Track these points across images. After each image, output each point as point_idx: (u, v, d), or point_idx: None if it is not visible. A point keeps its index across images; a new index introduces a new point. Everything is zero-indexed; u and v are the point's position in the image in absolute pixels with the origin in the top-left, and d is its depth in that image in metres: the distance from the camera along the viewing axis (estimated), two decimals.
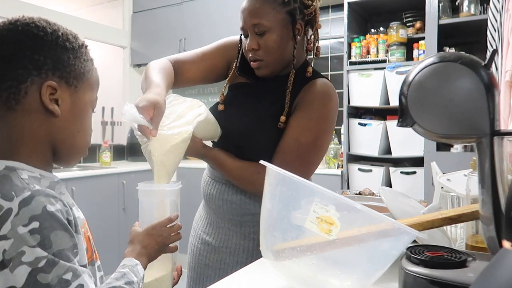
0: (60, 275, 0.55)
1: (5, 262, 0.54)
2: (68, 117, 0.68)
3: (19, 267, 0.54)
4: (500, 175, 0.59)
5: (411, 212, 0.85)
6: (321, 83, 1.10)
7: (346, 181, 2.88)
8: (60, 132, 0.68)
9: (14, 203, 0.56)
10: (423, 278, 0.58)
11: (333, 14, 3.43)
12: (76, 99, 0.69)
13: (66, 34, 0.68)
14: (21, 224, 0.55)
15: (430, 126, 0.62)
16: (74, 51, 0.69)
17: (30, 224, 0.55)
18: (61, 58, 0.66)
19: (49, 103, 0.65)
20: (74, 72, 0.68)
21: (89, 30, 3.56)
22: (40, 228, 0.56)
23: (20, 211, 0.56)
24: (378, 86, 2.78)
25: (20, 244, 0.54)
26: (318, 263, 0.62)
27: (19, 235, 0.54)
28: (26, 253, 0.54)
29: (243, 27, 1.08)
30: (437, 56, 0.63)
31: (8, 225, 0.55)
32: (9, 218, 0.55)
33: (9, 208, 0.56)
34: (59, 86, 0.66)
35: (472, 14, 2.52)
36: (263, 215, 0.69)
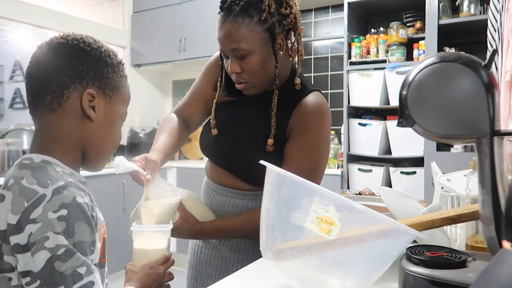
0: (75, 267, 0.59)
1: (28, 246, 0.58)
2: (101, 123, 0.75)
3: (40, 251, 0.57)
4: (500, 175, 0.59)
5: (411, 212, 0.85)
6: (312, 102, 1.06)
7: (346, 181, 2.88)
8: (92, 136, 0.75)
9: (48, 190, 0.61)
10: (423, 278, 0.58)
11: (333, 14, 3.43)
12: (109, 108, 0.76)
13: (108, 51, 0.77)
14: (51, 210, 0.59)
15: (430, 126, 0.62)
16: (113, 67, 0.76)
17: (60, 211, 0.60)
18: (101, 71, 0.74)
19: (87, 108, 0.72)
20: (110, 85, 0.76)
21: (89, 30, 3.54)
22: (67, 216, 0.60)
23: (53, 198, 0.60)
24: (378, 86, 2.78)
25: (47, 228, 0.58)
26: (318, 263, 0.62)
27: (47, 220, 0.59)
28: (50, 238, 0.58)
29: (223, 51, 1.04)
30: (437, 56, 0.63)
31: (39, 209, 0.59)
32: (41, 203, 0.60)
33: (43, 194, 0.60)
34: (97, 95, 0.74)
35: (472, 14, 2.52)
36: (263, 215, 0.69)
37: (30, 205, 0.59)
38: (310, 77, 3.55)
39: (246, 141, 1.09)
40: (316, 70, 3.52)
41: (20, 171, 0.65)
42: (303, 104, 1.06)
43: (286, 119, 1.05)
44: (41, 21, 3.18)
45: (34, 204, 0.59)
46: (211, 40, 1.26)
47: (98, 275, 0.63)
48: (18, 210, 0.59)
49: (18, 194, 0.61)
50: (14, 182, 0.63)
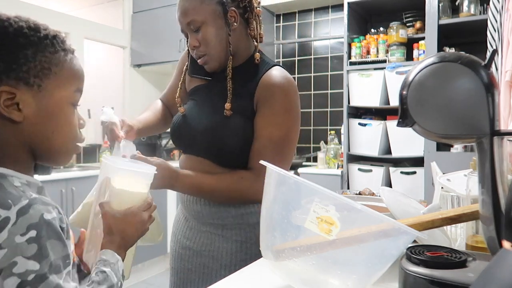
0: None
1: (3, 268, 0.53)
2: (37, 120, 0.62)
3: (9, 277, 0.53)
4: (500, 175, 0.59)
5: (411, 212, 0.85)
6: (276, 74, 1.08)
7: (346, 181, 2.88)
8: (31, 136, 0.63)
9: (12, 211, 0.55)
10: (423, 278, 0.58)
11: (333, 14, 3.43)
12: (42, 99, 0.62)
13: (20, 28, 0.61)
14: (19, 234, 0.54)
15: (430, 126, 0.62)
16: (33, 46, 0.61)
17: (28, 233, 0.54)
18: (15, 57, 0.60)
19: (5, 110, 0.59)
20: (34, 70, 0.61)
21: (89, 30, 3.56)
22: (37, 237, 0.55)
23: (18, 220, 0.55)
24: (378, 86, 2.78)
25: (14, 254, 0.53)
26: (318, 263, 0.62)
27: (15, 244, 0.53)
28: (18, 264, 0.53)
29: (182, 29, 1.12)
30: (437, 56, 0.63)
31: (4, 234, 0.54)
32: (6, 227, 0.54)
33: (6, 217, 0.54)
34: (17, 88, 0.60)
35: (472, 14, 2.52)
36: (263, 215, 0.69)
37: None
38: (310, 77, 3.55)
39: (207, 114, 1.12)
40: (316, 70, 3.52)
41: None
42: (266, 77, 1.09)
43: (250, 92, 1.09)
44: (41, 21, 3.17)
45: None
46: None
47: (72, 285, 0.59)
48: None
49: None
50: None
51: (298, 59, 3.61)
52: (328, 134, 3.28)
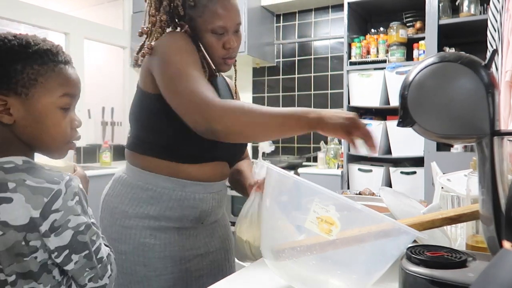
0: (91, 236, 0.76)
1: (53, 229, 0.71)
2: (26, 123, 0.75)
3: (66, 231, 0.72)
4: (500, 175, 0.59)
5: (411, 212, 0.85)
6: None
7: (346, 181, 2.88)
8: (22, 136, 0.76)
9: (61, 185, 0.72)
10: (423, 278, 0.58)
11: (333, 14, 3.43)
12: (30, 105, 0.74)
13: (12, 46, 0.73)
14: (69, 199, 0.72)
15: (430, 126, 0.62)
16: (22, 61, 0.73)
17: (75, 198, 0.73)
18: (6, 71, 0.72)
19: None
20: (21, 81, 0.73)
21: (89, 30, 3.56)
22: (80, 200, 0.75)
23: (67, 190, 0.73)
24: (378, 86, 2.78)
25: (68, 213, 0.72)
26: (318, 263, 0.62)
27: (68, 207, 0.72)
28: (71, 220, 0.72)
29: (225, 26, 1.04)
30: (437, 56, 0.63)
31: (60, 201, 0.71)
32: (60, 196, 0.72)
33: (59, 189, 0.72)
34: (8, 96, 0.73)
35: (472, 14, 2.52)
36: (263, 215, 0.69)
37: (49, 200, 0.70)
38: (310, 77, 3.55)
39: None
40: (316, 70, 3.52)
41: (12, 175, 0.71)
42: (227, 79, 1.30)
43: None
44: (41, 21, 3.18)
45: (53, 198, 0.71)
46: None
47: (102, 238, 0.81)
48: (39, 205, 0.70)
49: (32, 193, 0.70)
50: (17, 185, 0.70)
51: (298, 59, 3.61)
52: None
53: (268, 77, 3.73)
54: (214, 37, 1.06)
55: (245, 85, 3.82)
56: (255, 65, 3.73)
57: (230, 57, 1.10)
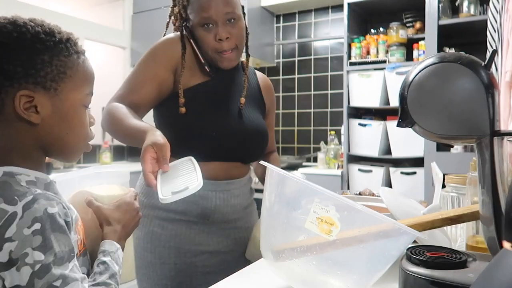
0: (50, 282, 0.58)
1: (12, 262, 0.57)
2: (53, 122, 0.66)
3: (24, 267, 0.57)
4: (500, 175, 0.59)
5: (411, 213, 0.85)
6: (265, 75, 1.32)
7: (346, 182, 2.88)
8: (47, 137, 0.66)
9: (18, 207, 0.58)
10: (423, 278, 0.58)
11: (333, 14, 3.43)
12: (58, 102, 0.66)
13: (37, 34, 0.64)
14: (25, 227, 0.58)
15: (430, 126, 0.62)
16: (49, 51, 0.64)
17: (33, 226, 0.58)
18: (33, 62, 0.63)
19: (24, 113, 0.63)
20: (51, 75, 0.64)
21: (90, 31, 3.56)
22: (42, 229, 0.58)
23: (24, 214, 0.58)
24: (378, 87, 2.78)
25: (24, 245, 0.57)
26: (318, 263, 0.62)
27: (24, 237, 0.57)
28: (29, 255, 0.57)
29: (211, 17, 1.05)
30: (437, 57, 0.63)
31: (13, 228, 0.57)
32: (14, 221, 0.58)
33: (13, 212, 0.58)
34: (35, 92, 0.63)
35: (472, 15, 2.52)
36: (263, 215, 0.69)
37: (2, 225, 0.57)
38: (310, 77, 3.56)
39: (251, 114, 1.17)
40: (316, 70, 3.52)
41: None
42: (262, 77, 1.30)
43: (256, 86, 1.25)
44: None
45: (6, 223, 0.57)
46: None
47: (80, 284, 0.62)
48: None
49: None
50: None
51: (298, 60, 3.61)
52: (328, 134, 3.28)
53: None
54: (204, 30, 1.08)
55: None
56: (255, 66, 3.73)
57: (224, 50, 1.07)
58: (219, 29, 1.06)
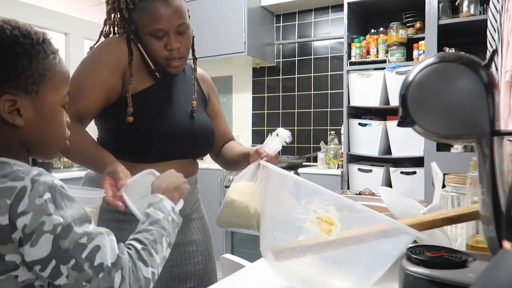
0: (76, 240, 0.61)
1: (27, 236, 0.58)
2: (35, 123, 0.67)
3: (42, 236, 0.59)
4: (500, 175, 0.59)
5: (411, 212, 0.85)
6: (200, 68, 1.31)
7: (346, 181, 2.88)
8: (30, 137, 0.68)
9: (26, 181, 0.60)
10: (423, 278, 0.58)
11: (333, 14, 3.43)
12: (39, 104, 0.67)
13: (15, 38, 0.64)
14: (37, 196, 0.60)
15: (430, 126, 0.62)
16: (29, 54, 0.65)
17: (44, 195, 0.60)
18: (13, 67, 0.64)
19: (8, 117, 0.64)
20: (31, 78, 0.65)
21: (89, 30, 3.56)
22: (53, 197, 0.61)
23: (34, 186, 0.60)
24: (378, 86, 2.78)
25: (39, 215, 0.59)
26: (318, 263, 0.62)
27: (37, 206, 0.59)
28: (46, 222, 0.59)
29: (163, 29, 1.05)
30: (437, 56, 0.63)
31: (25, 200, 0.59)
32: (25, 194, 0.59)
33: (23, 186, 0.60)
34: (17, 96, 0.64)
35: (472, 14, 2.52)
36: (263, 215, 0.69)
37: (14, 201, 0.59)
38: (310, 77, 3.56)
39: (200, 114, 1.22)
40: (316, 70, 3.52)
41: None
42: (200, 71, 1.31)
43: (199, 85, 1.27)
44: (41, 22, 3.18)
45: (17, 198, 0.59)
46: (210, 41, 1.28)
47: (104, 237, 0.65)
48: (4, 210, 0.58)
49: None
50: None
51: (298, 59, 3.61)
52: (328, 134, 3.28)
53: (268, 77, 3.73)
54: (154, 39, 1.07)
55: (245, 85, 3.82)
56: (255, 65, 3.73)
57: (173, 58, 1.09)
58: (171, 40, 1.07)
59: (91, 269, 0.61)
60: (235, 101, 3.89)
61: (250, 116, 3.81)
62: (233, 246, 3.20)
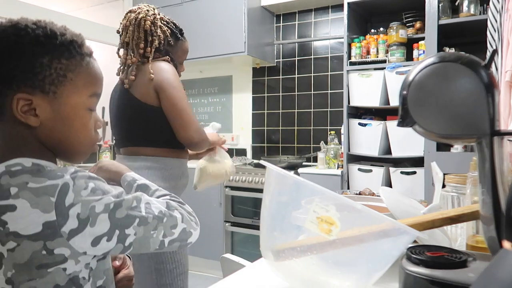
0: (130, 205, 0.67)
1: (84, 222, 0.62)
2: (52, 125, 0.66)
3: (98, 217, 0.63)
4: (500, 175, 0.59)
5: (411, 212, 0.85)
6: None
7: (346, 181, 2.88)
8: (48, 139, 0.67)
9: (66, 178, 0.62)
10: (423, 278, 0.58)
11: (333, 14, 3.43)
12: (58, 105, 0.66)
13: (36, 37, 0.64)
14: (82, 189, 0.63)
15: (430, 126, 0.62)
16: (49, 54, 0.64)
17: (88, 186, 0.63)
18: (31, 66, 0.63)
19: (22, 116, 0.64)
20: (50, 78, 0.64)
21: (89, 30, 3.56)
22: (96, 186, 0.65)
23: (75, 181, 0.63)
24: (378, 86, 2.78)
25: (89, 202, 0.62)
26: (318, 263, 0.62)
27: (84, 197, 0.62)
28: (97, 205, 0.63)
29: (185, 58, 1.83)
30: (437, 56, 0.63)
31: (71, 194, 0.61)
32: (69, 189, 0.62)
33: (65, 183, 0.62)
34: (33, 95, 0.64)
35: (472, 14, 2.52)
36: (263, 215, 0.69)
37: (58, 197, 0.60)
38: (310, 77, 3.55)
39: None
40: (316, 70, 3.52)
41: (16, 178, 0.61)
42: None
43: None
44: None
45: (61, 194, 0.61)
46: (210, 40, 1.27)
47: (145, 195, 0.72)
48: (49, 207, 0.60)
49: (35, 196, 0.60)
50: (19, 189, 0.60)
51: (298, 59, 3.61)
52: (328, 134, 3.28)
53: (268, 77, 3.73)
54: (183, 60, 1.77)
55: (245, 85, 3.82)
56: (255, 65, 3.73)
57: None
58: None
59: (155, 219, 0.69)
60: (235, 101, 3.89)
61: (250, 116, 3.81)
62: (233, 246, 3.20)
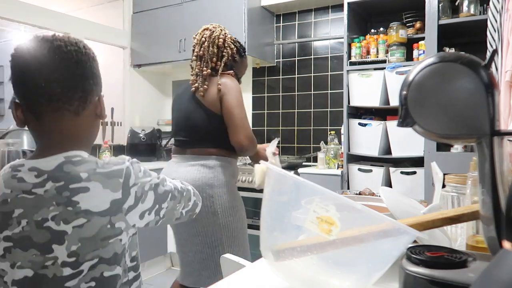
0: (165, 183, 0.92)
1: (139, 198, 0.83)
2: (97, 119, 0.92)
3: (148, 194, 0.86)
4: (500, 175, 0.59)
5: (411, 212, 0.85)
6: None
7: (346, 181, 2.88)
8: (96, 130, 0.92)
9: (127, 163, 0.84)
10: (423, 278, 0.58)
11: (333, 14, 3.43)
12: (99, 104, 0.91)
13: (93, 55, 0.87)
14: (138, 172, 0.85)
15: (430, 126, 0.62)
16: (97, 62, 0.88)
17: (141, 170, 0.86)
18: (99, 72, 0.88)
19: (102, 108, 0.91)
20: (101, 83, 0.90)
21: (89, 31, 3.56)
22: (145, 171, 0.88)
23: (133, 165, 0.85)
24: (378, 86, 2.78)
25: (143, 183, 0.85)
26: (318, 263, 0.62)
27: (140, 179, 0.85)
28: (146, 185, 0.86)
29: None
30: (437, 56, 0.63)
31: (133, 176, 0.83)
32: (131, 173, 0.83)
33: (127, 167, 0.83)
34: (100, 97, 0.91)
35: (472, 14, 2.52)
36: (263, 215, 0.69)
37: (124, 179, 0.81)
38: (310, 77, 3.56)
39: None
40: (316, 70, 3.52)
41: (81, 166, 0.79)
42: None
43: None
44: (41, 22, 3.18)
45: (126, 176, 0.81)
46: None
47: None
48: (117, 187, 0.79)
49: (107, 179, 0.79)
50: (90, 174, 0.78)
51: (298, 59, 3.61)
52: (328, 134, 3.28)
53: (268, 77, 3.73)
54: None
55: (245, 85, 3.82)
56: (255, 65, 3.73)
57: None
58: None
59: (179, 194, 0.96)
60: None
61: (250, 116, 3.81)
62: None
